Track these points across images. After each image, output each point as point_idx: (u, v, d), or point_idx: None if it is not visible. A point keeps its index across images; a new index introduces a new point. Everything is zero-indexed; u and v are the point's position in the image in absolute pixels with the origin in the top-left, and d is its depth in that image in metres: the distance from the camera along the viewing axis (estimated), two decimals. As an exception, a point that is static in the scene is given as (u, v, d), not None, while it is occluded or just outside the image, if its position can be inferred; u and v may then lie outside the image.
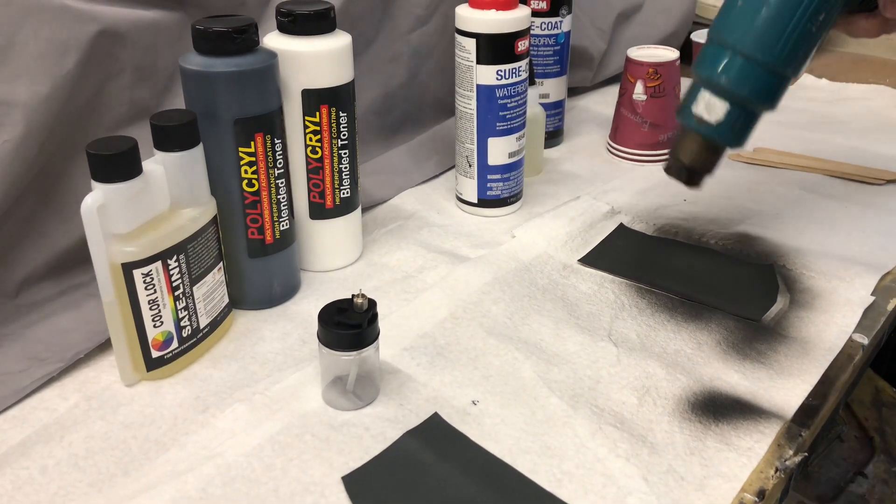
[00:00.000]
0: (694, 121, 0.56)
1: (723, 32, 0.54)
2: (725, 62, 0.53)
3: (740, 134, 0.56)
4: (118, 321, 0.50)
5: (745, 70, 0.53)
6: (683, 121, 0.57)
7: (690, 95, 0.57)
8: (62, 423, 0.49)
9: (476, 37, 0.67)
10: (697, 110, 0.55)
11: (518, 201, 0.76)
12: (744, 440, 0.48)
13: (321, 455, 0.47)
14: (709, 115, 0.55)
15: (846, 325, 0.58)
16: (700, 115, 0.55)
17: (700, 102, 0.55)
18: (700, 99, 0.55)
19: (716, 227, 0.72)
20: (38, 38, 0.56)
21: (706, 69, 0.55)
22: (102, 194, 0.47)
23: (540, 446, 0.47)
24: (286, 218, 0.59)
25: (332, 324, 0.48)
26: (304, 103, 0.59)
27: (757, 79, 0.53)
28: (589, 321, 0.59)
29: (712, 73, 0.54)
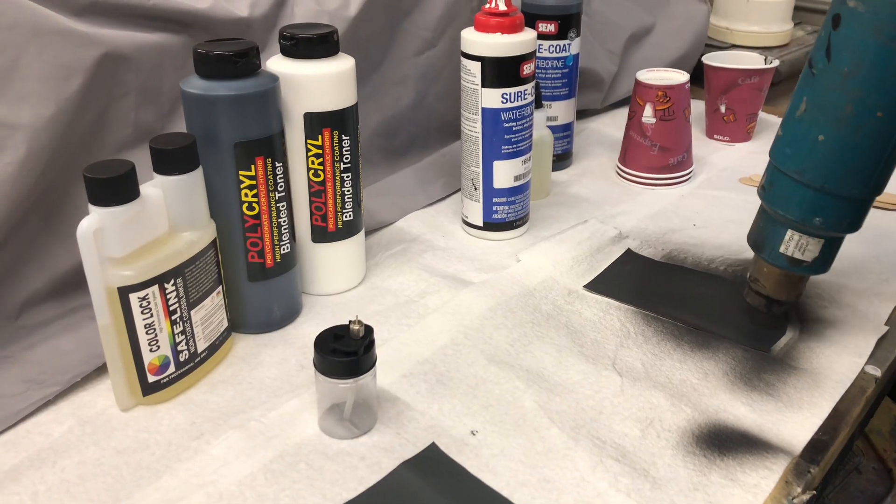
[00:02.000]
0: (786, 262, 0.55)
1: (807, 172, 0.51)
2: (817, 203, 0.51)
3: (832, 260, 0.55)
4: (114, 345, 0.50)
5: (840, 208, 0.51)
6: (772, 261, 0.56)
7: (773, 234, 0.55)
8: (55, 448, 0.49)
9: (481, 60, 0.67)
10: (788, 251, 0.54)
11: (524, 225, 0.75)
12: (750, 476, 0.46)
13: (314, 485, 0.46)
14: (803, 255, 0.54)
15: (858, 355, 0.57)
16: (793, 255, 0.54)
17: (789, 244, 0.54)
18: (789, 240, 0.54)
19: (725, 254, 0.71)
20: (42, 61, 0.56)
21: (793, 211, 0.52)
22: (99, 218, 0.46)
23: (539, 479, 0.46)
24: (287, 241, 0.59)
25: (329, 351, 0.48)
26: (307, 126, 0.59)
27: (853, 212, 0.52)
28: (593, 349, 0.58)
29: (803, 216, 0.52)
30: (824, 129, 0.50)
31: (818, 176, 0.51)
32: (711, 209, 0.79)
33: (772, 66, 0.93)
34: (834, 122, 0.49)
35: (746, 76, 0.91)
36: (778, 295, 0.57)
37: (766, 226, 0.56)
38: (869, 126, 0.48)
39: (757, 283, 0.58)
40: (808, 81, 0.51)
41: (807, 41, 1.18)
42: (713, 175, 0.88)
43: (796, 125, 0.52)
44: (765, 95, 0.95)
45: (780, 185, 0.53)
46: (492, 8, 0.67)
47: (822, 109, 0.50)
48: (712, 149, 0.95)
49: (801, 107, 0.52)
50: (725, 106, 0.94)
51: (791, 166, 0.52)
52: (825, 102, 0.50)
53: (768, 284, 0.57)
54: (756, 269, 0.58)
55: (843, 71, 0.48)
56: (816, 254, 0.54)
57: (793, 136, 0.52)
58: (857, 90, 0.48)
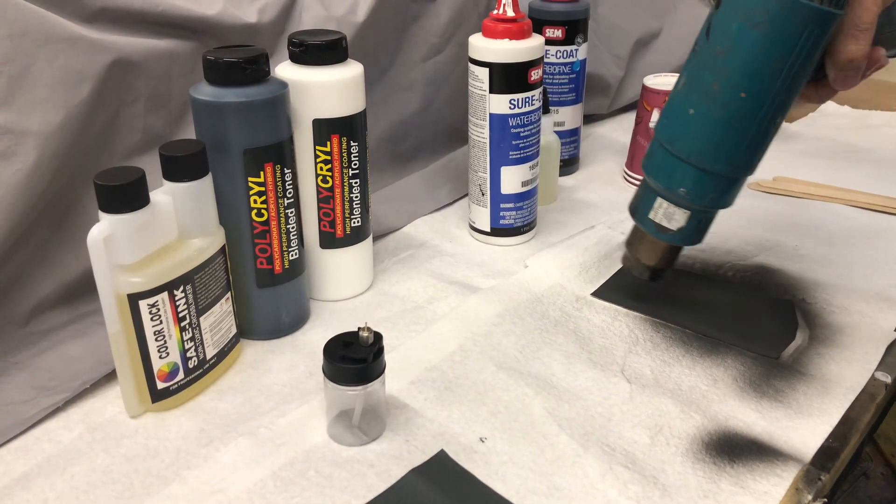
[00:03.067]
0: (653, 227, 0.56)
1: (676, 143, 0.53)
2: (683, 174, 0.53)
3: (701, 234, 0.57)
4: (123, 352, 0.50)
5: (705, 182, 0.53)
6: (642, 226, 0.58)
7: (645, 201, 0.57)
8: (65, 455, 0.49)
9: (489, 66, 0.67)
10: (656, 218, 0.55)
11: (531, 230, 0.75)
12: (760, 483, 0.46)
13: (324, 492, 0.46)
14: (669, 223, 0.55)
15: (868, 362, 0.56)
16: (660, 223, 0.55)
17: (658, 211, 0.55)
18: (658, 207, 0.55)
19: (733, 259, 0.70)
20: (52, 68, 0.56)
21: (662, 180, 0.54)
22: (109, 225, 0.47)
23: (548, 487, 0.46)
24: (296, 248, 0.59)
25: (338, 357, 0.48)
26: (315, 133, 0.59)
27: (717, 188, 0.53)
28: (602, 355, 0.58)
29: (670, 185, 0.54)
30: (695, 103, 0.51)
31: (685, 148, 0.52)
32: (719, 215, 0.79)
33: (779, 71, 0.92)
34: (703, 98, 0.51)
35: (753, 81, 0.91)
36: (648, 260, 0.59)
37: (642, 192, 0.57)
38: (733, 105, 0.50)
39: (631, 247, 0.60)
40: (690, 58, 0.53)
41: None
42: (720, 180, 0.87)
43: (674, 98, 0.54)
44: (772, 100, 0.94)
45: (655, 155, 0.55)
46: (499, 14, 0.67)
47: (695, 84, 0.51)
48: (719, 154, 0.94)
49: (680, 81, 0.53)
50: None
51: (664, 136, 0.54)
52: (698, 78, 0.51)
53: (641, 249, 0.59)
54: (632, 234, 0.60)
55: (716, 50, 0.50)
56: (683, 223, 0.55)
57: (671, 108, 0.54)
58: (725, 69, 0.49)
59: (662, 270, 0.60)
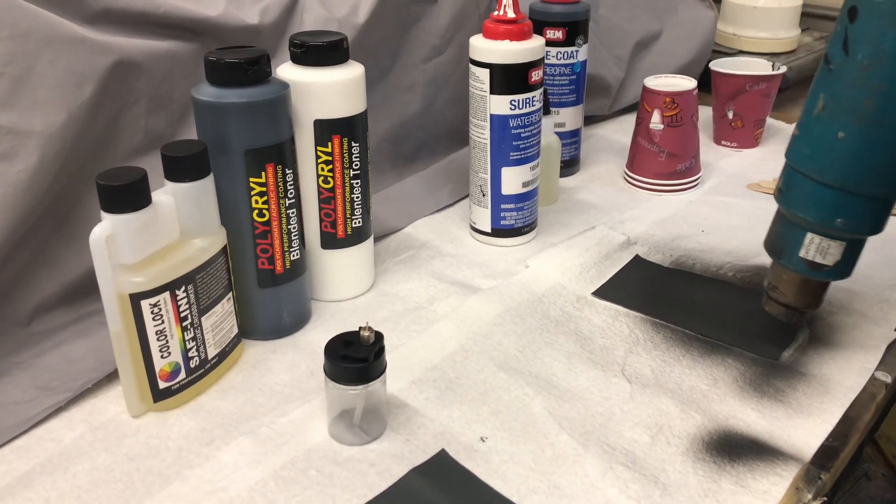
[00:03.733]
0: (806, 266, 0.52)
1: (827, 172, 0.49)
2: (838, 203, 0.49)
3: (853, 265, 0.53)
4: (125, 352, 0.50)
5: (863, 208, 0.49)
6: (791, 266, 0.53)
7: (792, 238, 0.53)
8: (67, 455, 0.49)
9: (490, 67, 0.67)
10: (808, 255, 0.52)
11: (532, 231, 0.75)
12: (760, 483, 0.46)
13: (325, 492, 0.46)
14: (824, 259, 0.51)
15: (868, 361, 0.57)
16: (813, 259, 0.52)
17: (809, 247, 0.51)
18: (808, 244, 0.51)
19: (734, 259, 0.71)
20: (55, 69, 0.57)
21: (812, 213, 0.50)
22: (111, 225, 0.47)
23: (548, 486, 0.46)
24: (297, 248, 0.59)
25: (339, 357, 0.48)
26: (317, 133, 0.59)
27: (876, 213, 0.50)
28: (602, 355, 0.58)
29: (824, 218, 0.50)
30: (844, 125, 0.48)
31: (839, 175, 0.49)
32: (720, 215, 0.79)
33: (779, 73, 0.93)
34: (854, 118, 0.47)
35: (754, 82, 0.91)
36: (798, 303, 0.55)
37: (784, 230, 0.54)
38: (891, 120, 0.46)
39: (776, 291, 0.56)
40: (825, 78, 0.49)
41: (814, 47, 1.18)
42: (721, 181, 0.88)
43: (814, 123, 0.50)
44: (772, 101, 0.95)
45: (799, 187, 0.51)
46: (500, 15, 0.67)
47: (842, 105, 0.48)
48: (720, 155, 0.95)
49: (818, 104, 0.50)
50: (733, 112, 0.94)
51: (810, 166, 0.50)
52: (844, 98, 0.48)
53: (788, 292, 0.55)
54: (774, 277, 0.56)
55: (863, 64, 0.46)
56: (839, 257, 0.51)
57: (811, 134, 0.50)
58: (878, 83, 0.46)
59: (812, 310, 0.57)
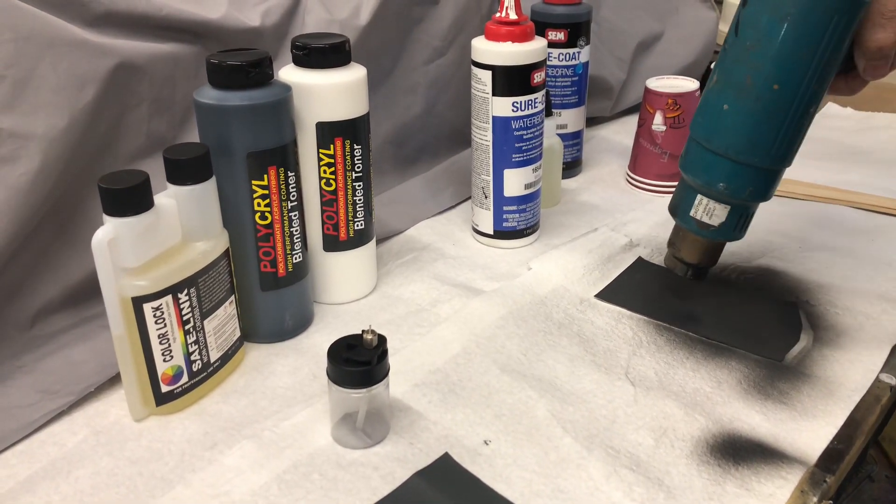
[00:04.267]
0: (695, 225, 0.57)
1: (713, 139, 0.54)
2: (721, 169, 0.54)
3: (743, 229, 0.58)
4: (128, 355, 0.50)
5: (743, 175, 0.54)
6: (683, 224, 0.58)
7: (685, 199, 0.57)
8: (69, 459, 0.49)
9: (492, 69, 0.67)
10: (697, 215, 0.57)
11: (535, 233, 0.75)
12: (765, 486, 0.46)
13: (328, 495, 0.46)
14: (710, 219, 0.56)
15: (873, 363, 0.56)
16: (701, 219, 0.56)
17: (698, 208, 0.56)
18: (698, 204, 0.56)
19: (737, 261, 0.70)
20: (57, 72, 0.56)
21: (700, 176, 0.55)
22: (113, 228, 0.47)
23: (553, 489, 0.46)
24: (299, 251, 0.59)
25: (342, 360, 0.48)
26: (319, 136, 0.59)
27: (755, 181, 0.54)
28: (605, 358, 0.58)
29: (709, 181, 0.55)
30: (729, 98, 0.53)
31: (722, 143, 0.53)
32: (722, 216, 0.79)
33: (781, 73, 0.92)
34: (737, 93, 0.52)
35: (756, 83, 0.91)
36: (691, 258, 0.60)
37: (681, 192, 0.59)
38: (767, 97, 0.51)
39: (674, 247, 0.61)
40: (720, 56, 0.54)
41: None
42: (723, 182, 0.87)
43: (707, 96, 0.55)
44: (775, 102, 0.95)
45: (692, 153, 0.56)
46: (502, 16, 0.67)
47: (728, 80, 0.53)
48: (722, 156, 0.94)
49: (713, 79, 0.55)
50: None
51: (700, 133, 0.55)
52: (731, 74, 0.52)
53: (683, 248, 0.60)
54: (674, 234, 0.61)
55: (747, 45, 0.51)
56: (723, 219, 0.56)
57: (703, 106, 0.55)
58: (757, 63, 0.51)
59: (706, 268, 0.61)
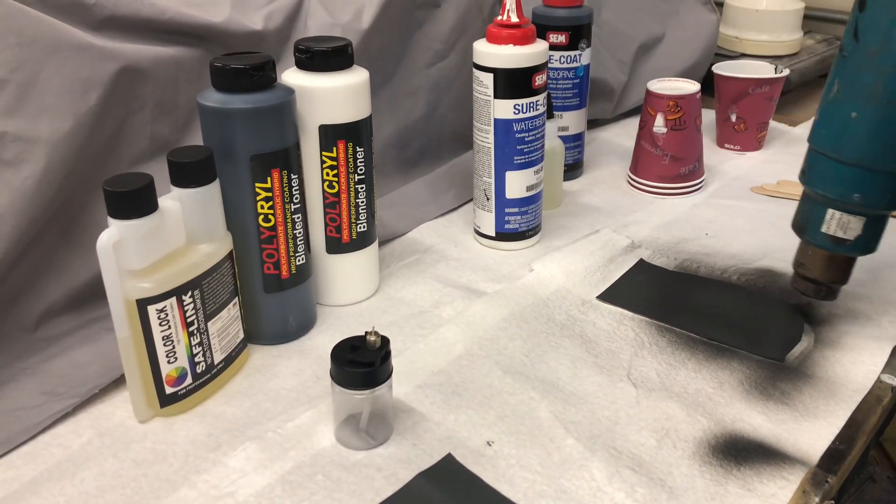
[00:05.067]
0: (828, 241, 0.55)
1: (843, 149, 0.52)
2: (855, 179, 0.52)
3: (877, 241, 0.56)
4: (132, 357, 0.50)
5: (880, 183, 0.52)
6: (814, 242, 0.56)
7: (814, 215, 0.55)
8: (74, 460, 0.49)
9: (493, 71, 0.67)
10: (830, 231, 0.54)
11: (536, 234, 0.75)
12: (767, 486, 0.46)
13: (332, 496, 0.46)
14: (845, 233, 0.54)
15: (874, 364, 0.56)
16: (835, 234, 0.54)
17: (831, 223, 0.54)
18: (830, 219, 0.54)
19: (738, 262, 0.71)
20: (61, 76, 0.57)
21: (833, 190, 0.53)
22: (118, 231, 0.47)
23: (555, 490, 0.46)
24: (302, 253, 0.59)
25: (345, 362, 0.48)
26: (322, 138, 0.59)
27: (892, 188, 0.52)
28: (608, 359, 0.58)
29: (842, 193, 0.53)
30: (856, 106, 0.51)
31: (854, 152, 0.52)
32: (723, 218, 0.79)
33: (782, 75, 0.93)
34: (866, 100, 0.51)
35: (757, 85, 0.91)
36: (824, 278, 0.57)
37: (807, 208, 0.56)
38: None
39: (803, 268, 0.58)
40: (839, 65, 0.53)
41: (816, 50, 1.18)
42: (725, 184, 0.88)
43: (830, 106, 0.53)
44: (775, 104, 0.95)
45: (819, 166, 0.54)
46: (503, 20, 0.67)
47: (854, 88, 0.52)
48: (723, 158, 0.95)
49: (833, 89, 0.53)
50: (736, 115, 0.94)
51: (827, 145, 0.53)
52: (856, 81, 0.51)
53: (814, 267, 0.57)
54: (801, 254, 0.59)
55: (871, 50, 0.50)
56: (859, 232, 0.54)
57: (827, 116, 0.54)
58: (885, 67, 0.50)
59: (839, 286, 0.59)
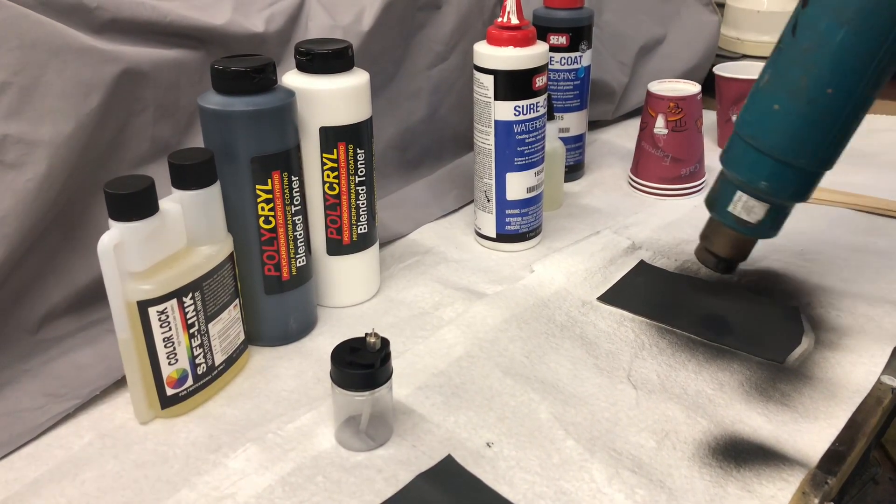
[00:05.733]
0: (732, 220, 0.57)
1: (759, 137, 0.54)
2: (765, 168, 0.54)
3: (777, 228, 0.58)
4: (133, 358, 0.50)
5: (787, 175, 0.53)
6: (720, 218, 0.58)
7: (724, 194, 0.57)
8: (76, 462, 0.49)
9: (494, 73, 0.67)
10: (735, 211, 0.56)
11: (537, 236, 0.75)
12: (767, 488, 0.46)
13: (332, 498, 0.46)
14: (748, 216, 0.56)
15: (874, 365, 0.56)
16: (739, 215, 0.57)
17: (737, 204, 0.56)
18: (737, 200, 0.56)
19: (739, 264, 0.71)
20: (62, 79, 0.57)
21: (743, 173, 0.55)
22: (119, 233, 0.47)
23: (555, 491, 0.46)
24: (303, 255, 0.59)
25: (345, 363, 0.48)
26: (322, 140, 0.59)
27: (797, 182, 0.54)
28: (608, 361, 0.58)
29: (751, 178, 0.55)
30: (780, 99, 0.53)
31: (768, 143, 0.54)
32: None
33: (783, 76, 0.93)
34: (790, 94, 0.52)
35: (758, 86, 0.91)
36: (724, 252, 0.60)
37: (720, 186, 0.59)
38: (820, 101, 0.51)
39: (707, 241, 0.61)
40: (774, 56, 0.54)
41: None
42: (726, 185, 0.88)
43: (757, 95, 0.55)
44: (776, 105, 0.95)
45: (736, 149, 0.56)
46: (504, 22, 0.67)
47: (781, 81, 0.53)
48: (724, 159, 0.95)
49: (764, 78, 0.54)
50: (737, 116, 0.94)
51: (747, 131, 0.55)
52: (784, 74, 0.53)
53: (717, 242, 0.60)
54: (707, 228, 0.61)
55: (804, 47, 0.51)
56: (762, 216, 0.56)
57: (752, 104, 0.55)
58: (813, 65, 0.51)
59: (736, 262, 0.61)
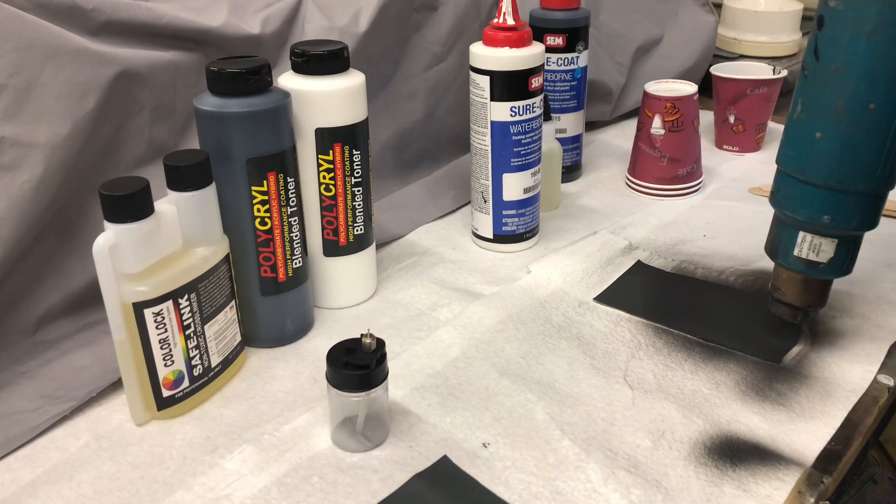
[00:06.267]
0: (801, 265, 0.54)
1: (808, 170, 0.51)
2: (823, 201, 0.51)
3: (852, 262, 0.54)
4: (129, 360, 0.50)
5: (848, 203, 0.51)
6: (786, 265, 0.55)
7: (785, 238, 0.54)
8: (72, 463, 0.49)
9: (490, 74, 0.67)
10: (802, 254, 0.53)
11: (534, 237, 0.75)
12: (762, 487, 0.46)
13: (328, 498, 0.46)
14: (818, 256, 0.53)
15: (871, 364, 0.56)
16: (807, 258, 0.53)
17: (802, 246, 0.53)
18: (801, 242, 0.53)
19: (736, 264, 0.71)
20: (59, 81, 0.57)
21: (801, 211, 0.52)
22: (114, 234, 0.47)
23: (551, 491, 0.46)
24: (299, 256, 0.59)
25: (341, 364, 0.48)
26: (318, 142, 0.59)
27: (861, 208, 0.51)
28: (604, 361, 0.58)
29: (811, 216, 0.52)
30: (820, 126, 0.50)
31: (820, 173, 0.51)
32: (721, 220, 0.79)
33: (780, 77, 0.93)
34: (829, 119, 0.50)
35: (755, 87, 0.91)
36: (801, 301, 0.57)
37: (779, 231, 0.56)
38: (863, 119, 0.49)
39: (778, 292, 0.57)
40: (801, 84, 0.52)
41: (815, 50, 1.18)
42: (723, 185, 0.88)
43: (795, 127, 0.53)
44: (773, 105, 0.95)
45: (787, 188, 0.54)
46: (500, 22, 0.67)
47: (816, 107, 0.51)
48: (722, 159, 0.95)
49: (797, 109, 0.53)
50: (734, 116, 0.94)
51: (794, 167, 0.53)
52: (818, 100, 0.51)
53: (790, 291, 0.56)
54: (776, 278, 0.58)
55: (832, 68, 0.49)
56: (832, 254, 0.53)
57: (792, 137, 0.53)
58: (847, 85, 0.49)
59: (817, 309, 0.58)
